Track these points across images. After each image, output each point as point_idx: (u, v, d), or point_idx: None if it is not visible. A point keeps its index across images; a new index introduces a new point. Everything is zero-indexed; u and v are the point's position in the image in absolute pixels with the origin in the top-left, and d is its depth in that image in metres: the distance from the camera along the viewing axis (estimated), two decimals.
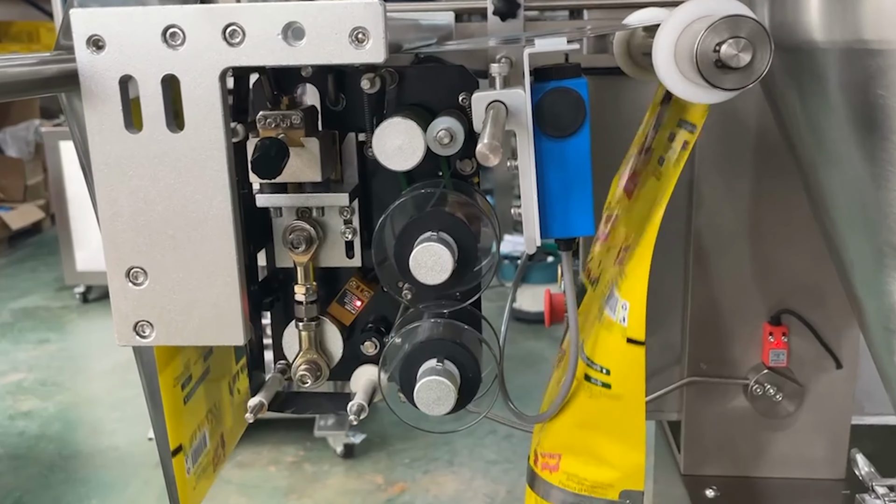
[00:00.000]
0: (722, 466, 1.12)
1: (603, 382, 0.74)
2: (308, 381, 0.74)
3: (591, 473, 0.75)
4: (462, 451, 3.40)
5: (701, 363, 1.08)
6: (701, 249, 1.05)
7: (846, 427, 1.08)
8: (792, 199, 1.01)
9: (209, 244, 0.58)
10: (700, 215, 1.04)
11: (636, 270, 0.70)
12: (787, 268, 1.04)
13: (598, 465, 0.75)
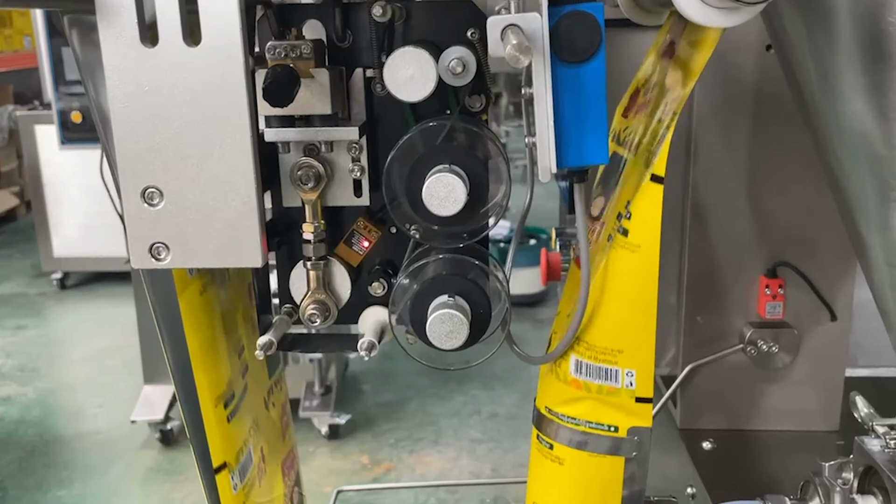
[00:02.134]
0: (717, 420, 1.13)
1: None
2: (317, 321, 0.74)
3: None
4: (447, 430, 3.41)
5: (697, 317, 1.09)
6: (698, 204, 1.06)
7: (840, 379, 1.10)
8: (789, 152, 1.02)
9: (227, 163, 0.57)
10: (698, 169, 1.04)
11: (641, 340, 0.70)
12: (783, 221, 1.05)
13: None
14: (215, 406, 0.77)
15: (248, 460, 0.85)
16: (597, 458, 0.76)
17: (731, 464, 1.06)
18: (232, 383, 0.82)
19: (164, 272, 0.69)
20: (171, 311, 0.71)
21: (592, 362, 0.71)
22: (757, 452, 1.08)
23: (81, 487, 3.01)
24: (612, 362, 0.69)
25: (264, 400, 0.93)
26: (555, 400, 0.77)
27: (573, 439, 0.76)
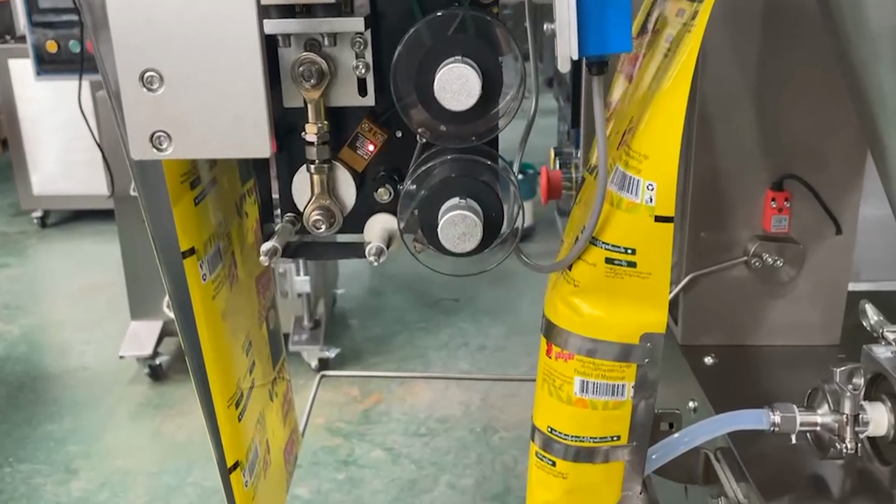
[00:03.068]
0: (719, 336, 1.12)
1: (628, 262, 0.72)
2: (321, 227, 0.72)
3: (613, 320, 0.74)
4: (436, 363, 3.43)
5: (701, 232, 1.07)
6: (705, 115, 1.03)
7: (843, 294, 1.09)
8: (799, 62, 0.99)
9: (232, 46, 0.54)
10: (705, 79, 1.02)
11: (662, 149, 0.67)
12: (791, 133, 1.03)
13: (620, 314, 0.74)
14: (227, 407, 0.78)
15: (255, 456, 0.86)
16: (608, 363, 0.75)
17: (733, 378, 1.05)
18: (240, 382, 0.82)
19: (180, 276, 0.69)
20: (188, 317, 0.71)
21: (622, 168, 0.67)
22: (758, 367, 1.08)
23: (71, 422, 3.01)
24: (637, 170, 0.66)
25: (269, 391, 0.94)
26: None
27: (583, 347, 0.75)
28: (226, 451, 0.77)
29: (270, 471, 0.92)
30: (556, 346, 0.78)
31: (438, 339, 3.63)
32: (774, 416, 0.83)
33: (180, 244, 0.66)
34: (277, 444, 0.95)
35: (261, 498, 0.86)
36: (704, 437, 0.85)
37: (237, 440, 0.79)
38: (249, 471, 0.82)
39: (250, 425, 0.83)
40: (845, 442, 0.79)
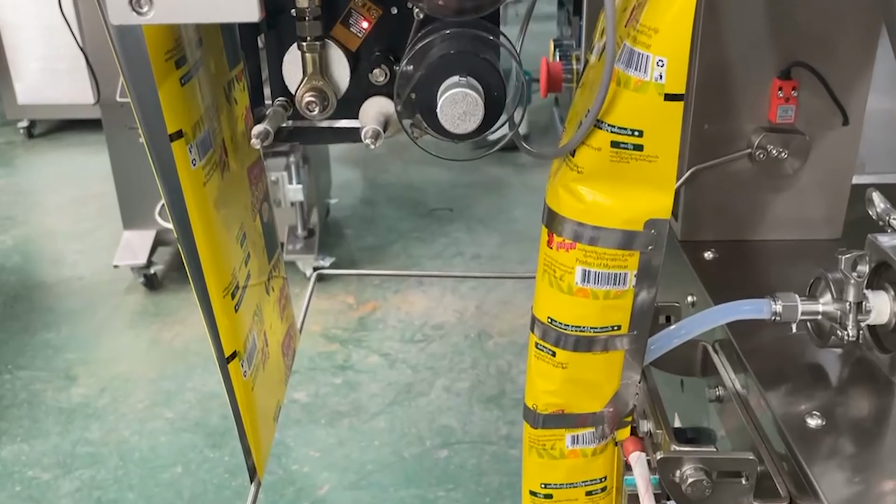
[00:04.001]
0: (719, 231, 1.11)
1: (634, 145, 0.69)
2: (314, 110, 0.69)
3: (617, 207, 0.72)
4: (431, 270, 3.44)
5: (705, 124, 1.05)
6: (712, 2, 0.99)
7: (847, 187, 1.08)
8: None
9: None
10: None
11: (674, 21, 0.63)
12: (801, 17, 0.99)
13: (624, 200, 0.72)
14: (223, 297, 0.77)
15: (253, 347, 0.85)
16: (610, 252, 0.74)
17: (733, 272, 1.05)
18: (236, 274, 0.80)
19: (169, 161, 0.66)
20: (178, 204, 0.69)
21: None
22: (759, 261, 1.07)
23: (68, 330, 3.03)
24: (646, 45, 0.63)
25: (265, 285, 0.92)
26: None
27: (584, 234, 0.73)
28: (223, 341, 0.76)
29: (269, 364, 0.92)
30: (558, 236, 0.76)
31: (433, 248, 3.63)
32: (776, 305, 0.82)
33: (167, 126, 0.64)
34: (275, 338, 0.95)
35: (260, 389, 0.86)
36: (705, 326, 0.85)
37: (234, 330, 0.78)
38: (248, 361, 0.82)
39: (247, 317, 0.82)
40: (847, 330, 0.79)
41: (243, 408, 0.82)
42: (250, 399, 0.84)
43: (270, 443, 0.94)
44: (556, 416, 0.84)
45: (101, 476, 2.34)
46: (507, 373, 2.78)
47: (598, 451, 0.87)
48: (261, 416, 0.88)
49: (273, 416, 0.95)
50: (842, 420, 0.78)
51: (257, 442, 0.87)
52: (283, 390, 1.00)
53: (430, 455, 2.40)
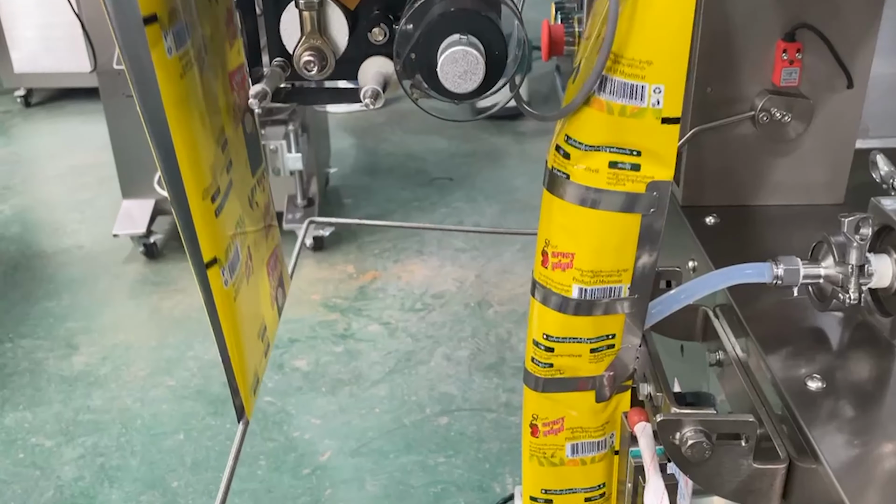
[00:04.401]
0: (721, 197, 1.11)
1: (632, 165, 0.70)
2: (313, 69, 0.68)
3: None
4: (430, 241, 3.44)
5: (707, 87, 1.04)
6: None
7: (850, 151, 1.07)
8: None
9: None
10: None
11: (672, 51, 0.63)
12: None
13: None
14: (202, 199, 0.73)
15: (235, 257, 0.82)
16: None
17: (735, 237, 1.04)
18: (217, 177, 0.77)
19: (144, 52, 0.62)
20: (152, 97, 0.65)
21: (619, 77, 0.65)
22: (761, 226, 1.07)
23: (69, 299, 3.04)
24: (639, 77, 0.64)
25: (248, 199, 0.89)
26: None
27: (586, 197, 0.73)
28: (201, 245, 0.72)
29: (254, 279, 0.88)
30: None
31: (433, 217, 3.62)
32: (777, 268, 0.82)
33: (140, 8, 0.59)
34: (260, 255, 0.90)
35: (243, 301, 0.83)
36: (706, 290, 0.84)
37: (214, 236, 0.74)
38: (230, 270, 0.77)
39: (229, 224, 0.78)
40: (849, 293, 0.79)
41: (224, 320, 0.77)
42: (233, 311, 0.79)
43: (260, 373, 0.91)
44: (556, 379, 0.84)
45: (104, 443, 2.35)
46: (507, 341, 2.79)
47: (597, 459, 0.88)
48: (245, 335, 0.83)
49: (258, 333, 0.89)
50: (842, 383, 0.78)
51: (243, 373, 0.84)
52: (273, 316, 0.96)
53: (430, 422, 2.41)
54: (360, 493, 2.17)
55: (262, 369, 0.92)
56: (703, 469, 0.75)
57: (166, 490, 2.19)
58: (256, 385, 0.90)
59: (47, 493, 2.18)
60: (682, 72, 0.64)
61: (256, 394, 0.83)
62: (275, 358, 2.71)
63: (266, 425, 2.41)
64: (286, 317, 2.94)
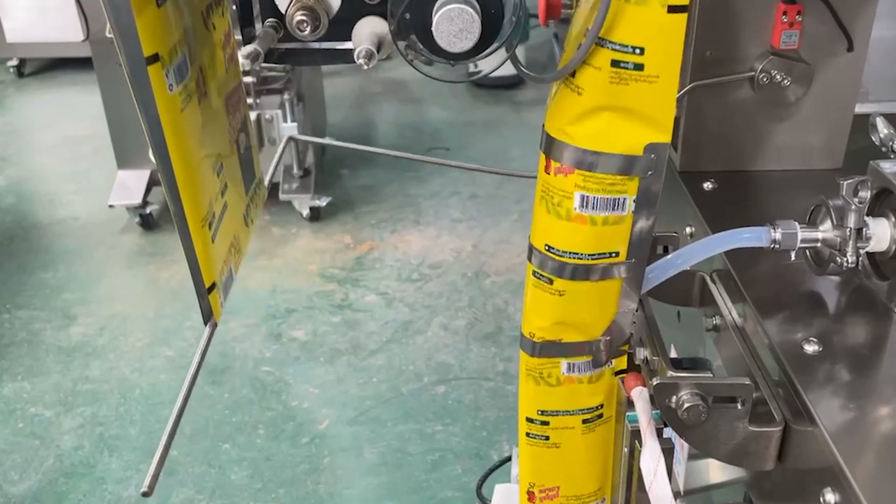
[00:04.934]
0: (719, 162, 1.10)
1: (635, 64, 0.67)
2: (306, 29, 0.67)
3: (616, 131, 0.70)
4: (427, 211, 3.43)
5: (707, 51, 1.02)
6: None
7: (849, 115, 1.06)
8: None
9: None
10: None
11: None
12: None
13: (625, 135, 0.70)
14: (201, 227, 0.76)
15: (229, 278, 0.84)
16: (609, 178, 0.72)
17: (732, 202, 1.04)
18: (212, 204, 0.79)
19: (146, 85, 0.64)
20: (156, 130, 0.67)
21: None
22: (758, 191, 1.07)
23: (66, 270, 3.03)
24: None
25: (243, 217, 0.90)
26: None
27: (584, 160, 0.72)
28: (203, 273, 0.75)
29: None
30: (556, 161, 0.75)
31: (429, 187, 3.61)
32: (775, 232, 0.81)
33: (143, 49, 0.62)
34: None
35: (226, 222, 0.86)
36: (704, 254, 0.84)
37: (210, 261, 0.77)
38: (224, 292, 0.81)
39: (223, 248, 0.81)
40: (846, 257, 0.78)
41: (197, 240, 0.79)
42: (206, 242, 0.81)
43: (234, 269, 0.91)
44: (552, 344, 0.84)
45: (103, 413, 2.36)
46: (504, 311, 2.80)
47: (594, 379, 0.87)
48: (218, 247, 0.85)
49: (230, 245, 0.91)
50: (839, 346, 0.78)
51: (210, 272, 0.85)
52: (246, 232, 0.99)
53: (427, 391, 2.42)
54: (358, 460, 2.19)
55: (234, 265, 0.92)
56: (699, 432, 0.75)
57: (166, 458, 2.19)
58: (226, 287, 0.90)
59: (47, 461, 2.20)
60: None
61: (226, 297, 0.83)
62: (272, 328, 2.72)
63: (264, 395, 2.42)
64: (283, 287, 2.94)
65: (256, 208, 0.96)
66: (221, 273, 0.80)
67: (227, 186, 0.83)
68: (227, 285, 0.83)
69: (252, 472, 2.15)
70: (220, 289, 0.79)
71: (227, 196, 0.83)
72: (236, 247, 0.86)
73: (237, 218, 0.87)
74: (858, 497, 0.62)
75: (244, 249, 0.90)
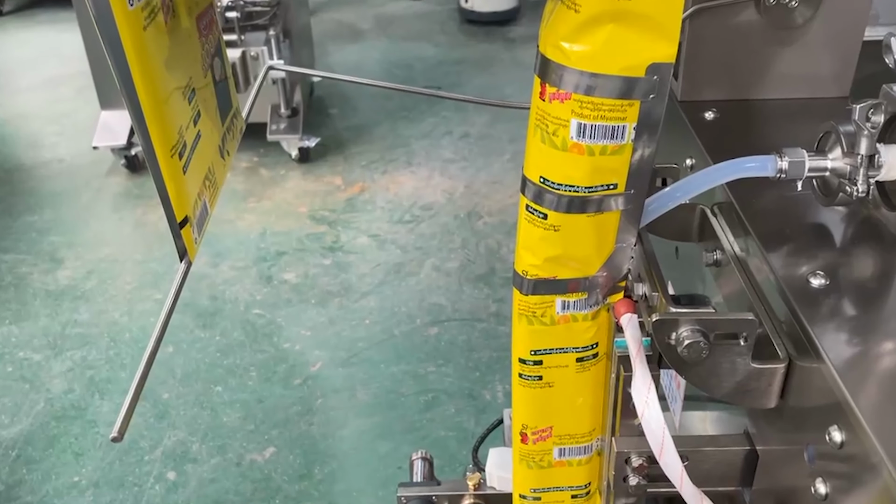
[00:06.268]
0: (721, 91, 1.05)
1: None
2: None
3: (617, 50, 0.66)
4: (419, 152, 3.37)
5: None
6: None
7: (859, 40, 1.01)
8: None
9: None
10: None
11: None
12: None
13: None
14: (171, 157, 0.71)
15: (203, 212, 0.80)
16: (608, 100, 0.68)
17: (735, 132, 1.00)
18: (183, 132, 0.74)
19: (105, 6, 0.58)
20: (117, 50, 0.62)
21: None
22: (762, 120, 1.02)
23: (52, 213, 2.98)
24: None
25: (219, 149, 0.85)
26: None
27: (580, 83, 0.67)
28: (174, 205, 0.71)
29: None
30: (551, 86, 0.70)
31: (421, 127, 3.54)
32: (782, 161, 0.77)
33: None
34: (218, 183, 0.89)
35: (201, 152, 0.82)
36: (706, 185, 0.80)
37: (182, 194, 0.72)
38: (198, 227, 0.77)
39: (196, 180, 0.76)
40: (857, 185, 0.75)
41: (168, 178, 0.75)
42: (179, 176, 0.78)
43: (207, 205, 0.88)
44: (546, 281, 0.81)
45: (93, 356, 2.34)
46: (497, 252, 2.77)
47: (589, 317, 0.84)
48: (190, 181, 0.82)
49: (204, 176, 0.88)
50: (846, 280, 0.75)
51: (182, 207, 0.82)
52: (222, 164, 0.95)
53: (420, 332, 2.41)
54: (351, 401, 2.18)
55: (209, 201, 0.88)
56: (700, 370, 0.72)
57: (157, 401, 2.19)
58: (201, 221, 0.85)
59: (38, 405, 2.18)
60: None
61: (202, 234, 0.79)
62: (262, 270, 2.69)
63: (256, 337, 2.40)
64: (273, 229, 2.90)
65: (233, 140, 0.91)
66: (195, 207, 0.76)
67: (200, 115, 0.78)
68: (202, 220, 0.78)
69: (244, 414, 2.15)
70: (193, 223, 0.75)
71: (200, 125, 0.78)
72: (211, 180, 0.81)
73: (212, 149, 0.82)
74: (867, 433, 0.59)
75: (220, 183, 0.85)
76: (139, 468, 2.00)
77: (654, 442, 0.75)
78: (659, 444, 0.75)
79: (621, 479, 0.84)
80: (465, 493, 1.06)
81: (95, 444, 2.07)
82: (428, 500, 1.06)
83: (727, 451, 0.83)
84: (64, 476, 1.98)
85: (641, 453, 0.81)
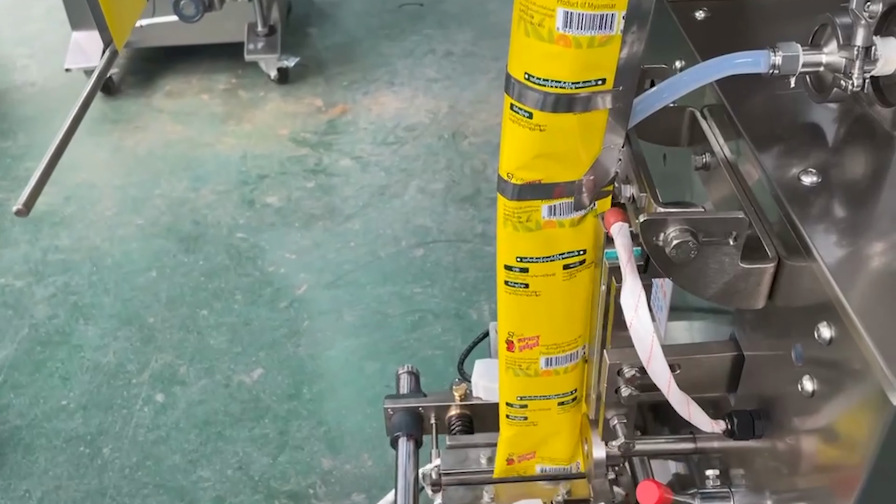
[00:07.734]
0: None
1: None
2: None
3: None
4: (402, 71, 3.30)
5: None
6: None
7: None
8: None
9: None
10: None
11: None
12: None
13: None
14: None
15: None
16: None
17: (726, 33, 0.96)
18: None
19: None
20: None
21: None
22: (755, 20, 0.99)
23: (26, 138, 2.91)
24: None
25: None
26: None
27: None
28: None
29: None
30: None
31: (403, 46, 3.46)
32: (775, 56, 0.74)
33: None
34: None
35: None
36: (696, 83, 0.77)
37: None
38: None
39: None
40: (852, 79, 0.72)
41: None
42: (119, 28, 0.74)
43: None
44: (532, 185, 0.78)
45: (75, 282, 2.32)
46: (482, 172, 2.73)
47: (575, 222, 0.82)
48: None
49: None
50: (837, 177, 0.73)
51: None
52: None
53: (405, 254, 2.39)
54: (338, 323, 2.18)
55: None
56: (688, 271, 0.71)
57: (143, 325, 2.18)
58: None
59: (22, 331, 2.17)
60: None
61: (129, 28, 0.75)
62: (245, 194, 2.65)
63: (240, 261, 2.38)
64: (254, 152, 2.85)
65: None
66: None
67: None
68: None
69: (231, 337, 2.14)
70: None
71: None
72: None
73: None
74: (857, 327, 0.58)
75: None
76: (127, 391, 2.00)
77: (642, 349, 0.74)
78: (647, 352, 0.74)
79: (613, 391, 0.83)
80: (451, 404, 1.06)
81: (82, 368, 2.06)
82: (414, 411, 1.06)
83: (715, 358, 0.82)
84: (52, 400, 1.99)
85: (633, 364, 0.80)
